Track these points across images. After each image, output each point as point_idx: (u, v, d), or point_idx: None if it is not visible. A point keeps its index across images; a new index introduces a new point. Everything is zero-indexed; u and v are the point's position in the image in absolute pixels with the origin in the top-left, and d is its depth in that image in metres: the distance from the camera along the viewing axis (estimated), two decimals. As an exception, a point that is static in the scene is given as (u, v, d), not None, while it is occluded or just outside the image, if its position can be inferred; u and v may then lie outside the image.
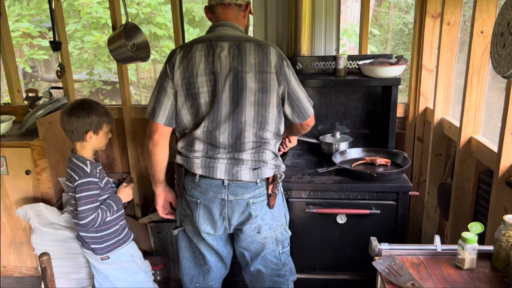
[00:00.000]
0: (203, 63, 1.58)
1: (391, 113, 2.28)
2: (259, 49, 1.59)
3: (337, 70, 2.33)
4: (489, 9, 1.72)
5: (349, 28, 4.71)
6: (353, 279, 2.20)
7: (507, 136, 1.54)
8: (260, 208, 1.68)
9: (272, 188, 1.67)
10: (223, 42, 1.59)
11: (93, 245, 1.95)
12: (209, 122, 1.61)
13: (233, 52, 1.58)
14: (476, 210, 1.94)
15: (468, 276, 1.24)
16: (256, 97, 1.58)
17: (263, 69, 1.58)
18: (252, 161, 1.63)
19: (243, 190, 1.64)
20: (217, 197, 1.65)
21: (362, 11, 2.54)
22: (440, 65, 2.23)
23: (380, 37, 6.79)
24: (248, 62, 1.57)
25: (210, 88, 1.59)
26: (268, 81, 1.58)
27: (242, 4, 1.69)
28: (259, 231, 1.70)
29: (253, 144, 1.62)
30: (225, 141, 1.61)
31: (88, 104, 1.90)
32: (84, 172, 1.85)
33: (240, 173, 1.62)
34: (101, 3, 5.83)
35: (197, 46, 1.60)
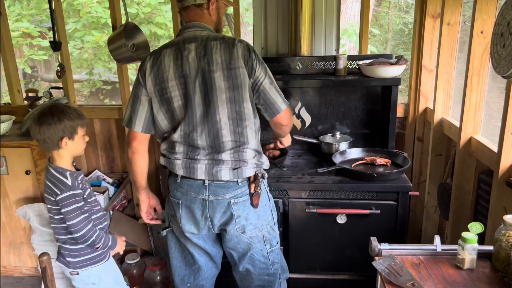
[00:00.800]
0: (172, 68, 1.59)
1: (391, 113, 2.28)
2: (225, 46, 1.57)
3: (337, 70, 2.33)
4: (489, 9, 1.72)
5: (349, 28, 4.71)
6: (353, 279, 2.20)
7: (507, 136, 1.54)
8: (242, 208, 1.67)
9: (255, 187, 1.66)
10: (190, 44, 1.59)
11: (68, 258, 1.86)
12: (185, 125, 1.61)
13: (200, 53, 1.57)
14: (476, 210, 1.94)
15: (468, 276, 1.24)
16: (228, 95, 1.57)
17: (231, 66, 1.56)
18: (232, 161, 1.63)
19: (224, 190, 1.64)
20: (198, 197, 1.65)
21: (362, 11, 2.54)
22: (440, 65, 2.23)
23: (380, 37, 6.79)
24: (215, 60, 1.56)
25: (181, 91, 1.59)
26: (238, 77, 1.57)
27: (203, 3, 1.66)
28: (244, 231, 1.69)
29: (232, 144, 1.62)
30: (203, 142, 1.61)
31: (58, 109, 1.76)
32: (66, 186, 1.75)
33: (220, 173, 1.62)
34: (101, 3, 5.83)
35: (166, 52, 1.61)
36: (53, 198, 1.77)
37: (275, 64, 2.44)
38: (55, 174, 1.78)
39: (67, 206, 1.74)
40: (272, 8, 2.50)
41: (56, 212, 1.81)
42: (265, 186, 1.74)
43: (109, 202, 2.63)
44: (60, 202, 1.74)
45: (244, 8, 5.03)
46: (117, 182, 2.89)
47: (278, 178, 2.14)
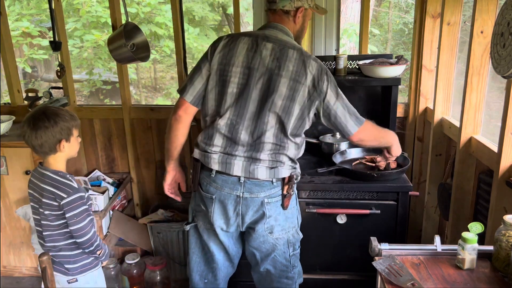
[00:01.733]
0: (243, 56, 1.61)
1: (391, 113, 2.28)
2: (300, 58, 1.60)
3: (337, 70, 2.33)
4: (489, 9, 1.72)
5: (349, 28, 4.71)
6: (353, 279, 2.20)
7: (507, 136, 1.54)
8: (274, 209, 1.68)
9: (288, 188, 1.68)
10: (268, 43, 1.62)
11: (67, 265, 1.79)
12: (233, 115, 1.62)
13: (275, 54, 1.60)
14: (476, 210, 1.94)
15: (468, 276, 1.24)
16: (284, 103, 1.60)
17: (298, 79, 1.59)
18: (269, 161, 1.64)
19: (259, 188, 1.65)
20: (232, 193, 1.66)
21: (362, 11, 2.54)
22: (440, 65, 2.23)
23: (380, 37, 6.79)
24: (286, 67, 1.59)
25: (241, 81, 1.61)
26: (298, 91, 1.59)
27: (290, 10, 1.68)
28: (272, 231, 1.70)
29: (271, 146, 1.64)
30: (246, 138, 1.62)
31: (51, 112, 1.72)
32: (72, 188, 1.70)
33: (257, 171, 1.63)
34: (101, 2, 5.83)
35: (243, 39, 1.63)
36: (56, 202, 1.70)
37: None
38: (57, 177, 1.72)
39: (74, 209, 1.68)
40: (272, 8, 2.49)
41: (56, 217, 1.73)
42: (295, 189, 1.75)
43: (109, 202, 2.63)
44: (66, 205, 1.67)
45: (244, 8, 5.02)
46: (117, 182, 2.89)
47: (278, 178, 2.14)
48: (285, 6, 1.67)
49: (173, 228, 2.59)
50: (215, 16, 6.39)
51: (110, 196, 2.69)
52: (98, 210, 2.50)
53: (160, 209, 2.80)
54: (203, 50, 5.88)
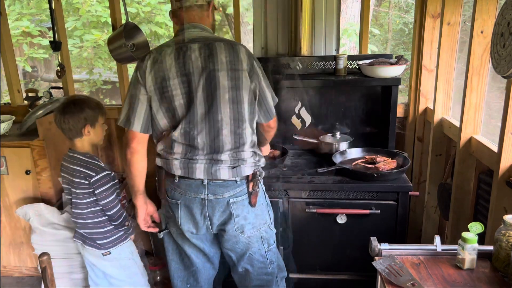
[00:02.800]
0: (174, 66, 1.58)
1: (391, 113, 2.28)
2: (229, 48, 1.60)
3: (337, 70, 2.33)
4: (489, 9, 1.72)
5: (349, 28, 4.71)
6: (353, 279, 2.20)
7: (507, 136, 1.54)
8: (241, 208, 1.67)
9: (253, 185, 1.67)
10: (193, 44, 1.60)
11: (99, 241, 1.98)
12: (186, 123, 1.61)
13: (204, 52, 1.59)
14: (476, 210, 1.94)
15: (468, 276, 1.24)
16: (230, 95, 1.59)
17: (235, 67, 1.59)
18: (230, 160, 1.64)
19: (223, 189, 1.64)
20: (196, 197, 1.65)
21: (362, 11, 2.54)
22: (440, 65, 2.23)
23: (380, 37, 6.79)
24: (220, 60, 1.58)
25: (184, 90, 1.59)
26: (240, 78, 1.60)
27: (204, 4, 1.69)
28: (243, 230, 1.69)
29: (231, 144, 1.63)
30: (203, 141, 1.61)
31: (79, 100, 1.94)
32: (100, 167, 1.91)
33: (219, 172, 1.62)
34: (101, 2, 5.83)
35: (166, 50, 1.60)
36: (86, 181, 1.89)
37: (275, 64, 2.44)
38: (85, 158, 1.93)
39: (103, 185, 1.89)
40: (272, 8, 2.49)
41: (86, 195, 1.92)
42: (261, 185, 1.75)
43: (109, 202, 2.63)
44: (96, 182, 1.88)
45: (244, 8, 5.03)
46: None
47: (278, 178, 2.14)
48: (198, 1, 1.66)
49: (173, 228, 2.59)
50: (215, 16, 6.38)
51: (110, 196, 2.69)
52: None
53: (159, 209, 2.80)
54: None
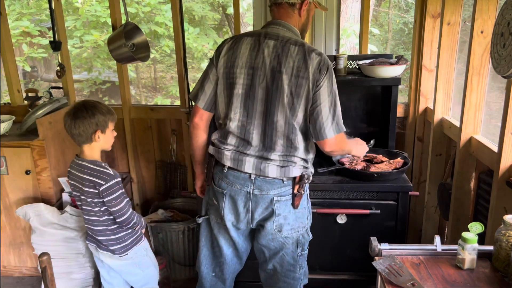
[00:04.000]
0: (246, 56, 1.62)
1: (391, 113, 2.28)
2: (301, 53, 1.58)
3: (337, 70, 2.33)
4: (489, 9, 1.72)
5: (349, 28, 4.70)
6: (353, 279, 2.20)
7: (507, 136, 1.54)
8: (283, 207, 1.69)
9: (298, 188, 1.68)
10: (270, 40, 1.61)
11: (112, 247, 1.97)
12: (243, 117, 1.65)
13: (277, 51, 1.59)
14: (476, 210, 1.94)
15: (468, 276, 1.24)
16: (288, 100, 1.59)
17: (299, 74, 1.57)
18: (280, 161, 1.65)
19: (269, 185, 1.66)
20: (242, 189, 1.68)
21: (362, 11, 2.54)
22: (440, 65, 2.23)
23: (380, 37, 6.79)
24: (287, 63, 1.58)
25: (246, 81, 1.62)
26: (302, 86, 1.58)
27: (296, 3, 1.67)
28: (281, 229, 1.71)
29: (282, 148, 1.64)
30: (257, 138, 1.64)
31: (90, 104, 1.90)
32: (109, 175, 1.88)
33: (268, 169, 1.64)
34: (101, 2, 5.83)
35: (245, 39, 1.64)
36: (95, 190, 1.86)
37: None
38: (93, 167, 1.89)
39: (113, 193, 1.86)
40: (272, 8, 2.49)
41: (95, 204, 1.90)
42: (306, 189, 1.76)
43: (109, 202, 2.63)
44: (105, 191, 1.85)
45: (244, 8, 5.03)
46: (117, 182, 2.89)
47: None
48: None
49: (173, 228, 2.59)
50: (215, 16, 6.39)
51: (110, 196, 2.69)
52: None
53: (160, 209, 2.80)
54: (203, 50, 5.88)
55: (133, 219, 1.93)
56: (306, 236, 1.80)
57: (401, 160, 2.18)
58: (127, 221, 1.91)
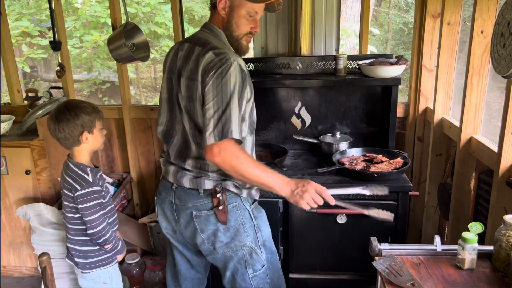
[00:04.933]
0: (169, 61, 1.63)
1: (391, 113, 2.28)
2: (198, 54, 1.48)
3: (337, 70, 2.33)
4: (489, 9, 1.72)
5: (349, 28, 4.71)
6: (353, 279, 2.20)
7: (507, 136, 1.54)
8: (205, 223, 1.56)
9: (217, 202, 1.52)
10: (186, 43, 1.58)
11: (77, 259, 1.89)
12: (168, 121, 1.64)
13: (185, 55, 1.55)
14: (476, 210, 1.94)
15: (468, 276, 1.24)
16: (186, 104, 1.52)
17: (192, 76, 1.48)
18: (193, 170, 1.56)
19: (186, 196, 1.58)
20: (167, 198, 1.64)
21: (362, 11, 2.54)
22: (440, 65, 2.23)
23: (380, 37, 6.79)
24: (187, 66, 1.51)
25: (167, 85, 1.62)
26: (194, 89, 1.47)
27: (214, 1, 1.58)
28: (214, 247, 1.58)
29: (194, 153, 1.55)
30: (177, 143, 1.61)
31: (73, 105, 1.79)
32: (87, 182, 1.78)
33: (183, 179, 1.57)
34: (100, 2, 5.83)
35: (176, 44, 1.66)
36: (71, 194, 1.79)
37: (275, 64, 2.44)
38: (76, 170, 1.80)
39: (86, 202, 1.77)
40: (272, 8, 2.49)
41: (71, 209, 1.82)
42: (241, 203, 1.59)
43: (109, 202, 2.63)
44: (79, 197, 1.76)
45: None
46: (117, 182, 2.89)
47: (278, 178, 2.13)
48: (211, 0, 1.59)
49: (173, 228, 2.59)
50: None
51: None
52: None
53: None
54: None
55: (105, 234, 1.81)
56: (255, 255, 1.62)
57: (401, 160, 2.18)
58: (97, 235, 1.80)
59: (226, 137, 1.36)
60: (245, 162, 1.39)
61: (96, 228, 1.79)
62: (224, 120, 1.36)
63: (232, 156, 1.38)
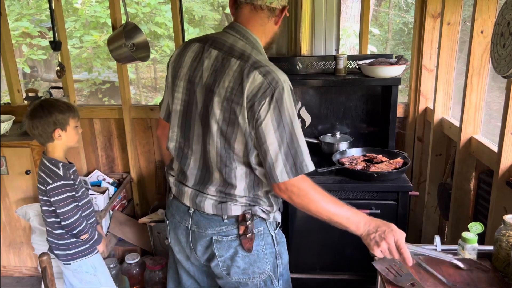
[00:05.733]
0: (187, 67, 1.36)
1: (391, 113, 2.28)
2: (240, 71, 1.24)
3: (337, 70, 2.33)
4: (489, 9, 1.72)
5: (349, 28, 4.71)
6: (353, 279, 2.20)
7: (507, 136, 1.54)
8: (226, 248, 1.39)
9: (244, 229, 1.36)
10: (214, 50, 1.31)
11: (56, 251, 1.95)
12: (181, 138, 1.41)
13: (215, 65, 1.29)
14: (476, 210, 1.94)
15: (468, 276, 1.24)
16: (218, 127, 1.29)
17: (232, 98, 1.24)
18: (218, 196, 1.37)
19: (206, 222, 1.39)
20: (182, 223, 1.45)
21: (362, 11, 2.54)
22: (440, 65, 2.23)
23: (380, 37, 6.79)
24: (222, 82, 1.26)
25: (184, 96, 1.37)
26: (236, 114, 1.24)
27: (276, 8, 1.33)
28: (229, 272, 1.41)
29: (218, 181, 1.36)
30: (195, 165, 1.39)
31: (48, 103, 1.87)
32: (57, 176, 1.85)
33: (203, 203, 1.37)
34: (100, 2, 5.83)
35: (193, 45, 1.37)
36: (44, 187, 1.86)
37: (275, 64, 2.43)
38: (48, 164, 1.88)
39: (58, 195, 1.83)
40: (272, 8, 2.49)
41: (45, 203, 1.90)
42: (266, 228, 1.43)
43: (109, 202, 2.63)
44: (51, 191, 1.83)
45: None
46: (117, 182, 2.90)
47: (278, 178, 2.14)
48: (272, 3, 1.31)
49: (173, 228, 2.59)
50: (215, 16, 6.39)
51: (110, 196, 2.69)
52: (98, 210, 2.50)
53: (160, 209, 2.80)
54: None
55: (79, 225, 1.85)
56: (270, 285, 1.46)
57: (401, 160, 2.18)
58: (71, 226, 1.84)
59: (302, 172, 1.25)
60: (316, 198, 1.29)
61: (69, 220, 1.84)
62: (294, 154, 1.24)
63: (300, 193, 1.27)
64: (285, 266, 1.54)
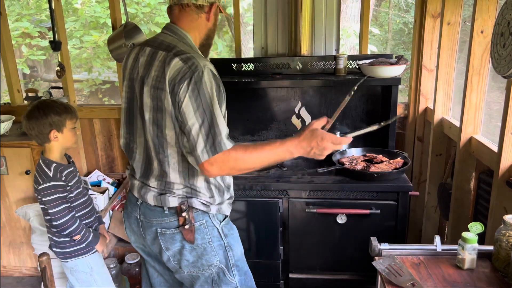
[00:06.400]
0: (129, 68, 1.48)
1: (391, 113, 2.28)
2: (163, 59, 1.35)
3: (337, 70, 2.33)
4: (489, 9, 1.72)
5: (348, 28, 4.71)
6: (353, 279, 2.20)
7: (507, 136, 1.54)
8: (171, 241, 1.46)
9: (183, 220, 1.43)
10: (147, 47, 1.43)
11: (54, 248, 1.97)
12: (127, 133, 1.53)
13: (147, 60, 1.40)
14: (476, 210, 1.94)
15: (468, 276, 1.24)
16: (150, 116, 1.39)
17: (158, 85, 1.34)
18: (158, 187, 1.46)
19: (151, 213, 1.48)
20: (132, 214, 1.55)
21: (362, 11, 2.54)
22: (440, 65, 2.23)
23: (380, 37, 6.79)
24: (150, 73, 1.37)
25: (128, 94, 1.49)
26: (162, 100, 1.34)
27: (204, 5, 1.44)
28: (180, 266, 1.49)
29: (157, 171, 1.45)
30: (140, 158, 1.49)
31: (44, 105, 1.88)
32: (47, 176, 1.85)
33: (147, 195, 1.47)
34: (100, 2, 5.83)
35: (136, 48, 1.50)
36: (36, 187, 1.88)
37: (275, 64, 2.44)
38: (42, 165, 1.89)
39: (48, 195, 1.84)
40: (272, 8, 2.49)
41: (40, 202, 1.91)
42: (209, 221, 1.48)
43: (109, 202, 2.63)
44: (41, 191, 1.84)
45: (244, 8, 5.02)
46: (117, 182, 2.89)
47: (278, 178, 2.14)
48: (198, 0, 1.42)
49: (173, 228, 2.59)
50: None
51: (110, 196, 2.69)
52: (98, 210, 2.50)
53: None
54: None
55: (69, 227, 1.85)
56: (223, 276, 1.51)
57: (401, 160, 2.18)
58: (61, 227, 1.85)
59: (220, 151, 1.29)
60: (245, 159, 1.32)
61: (59, 220, 1.84)
62: (213, 133, 1.29)
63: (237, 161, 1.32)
64: (240, 257, 1.58)
